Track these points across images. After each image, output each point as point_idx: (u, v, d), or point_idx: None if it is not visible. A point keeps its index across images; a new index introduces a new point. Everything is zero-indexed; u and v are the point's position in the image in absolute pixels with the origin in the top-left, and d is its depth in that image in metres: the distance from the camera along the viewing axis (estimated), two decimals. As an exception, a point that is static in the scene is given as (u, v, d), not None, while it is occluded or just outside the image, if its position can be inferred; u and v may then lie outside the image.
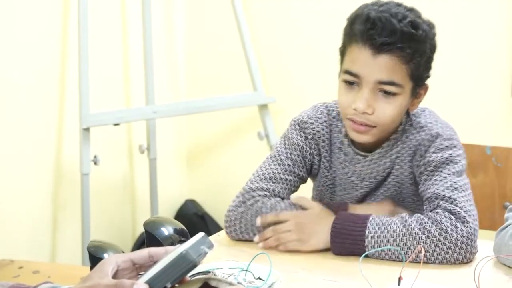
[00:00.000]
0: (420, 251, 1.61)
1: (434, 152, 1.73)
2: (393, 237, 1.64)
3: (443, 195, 1.68)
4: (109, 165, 3.23)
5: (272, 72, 3.48)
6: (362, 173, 1.79)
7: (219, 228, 3.38)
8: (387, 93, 1.68)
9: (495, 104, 3.07)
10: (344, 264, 1.64)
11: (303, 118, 1.85)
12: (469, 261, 1.64)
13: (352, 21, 1.72)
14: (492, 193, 2.22)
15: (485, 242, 1.71)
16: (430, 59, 1.73)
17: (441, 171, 1.71)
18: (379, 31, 1.65)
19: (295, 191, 1.83)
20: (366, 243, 1.65)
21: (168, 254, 1.19)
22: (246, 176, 3.59)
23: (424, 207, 1.72)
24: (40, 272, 2.28)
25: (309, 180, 1.89)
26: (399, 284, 1.48)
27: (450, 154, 1.73)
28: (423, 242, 1.63)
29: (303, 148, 1.82)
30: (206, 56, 3.62)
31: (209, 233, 1.94)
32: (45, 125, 2.99)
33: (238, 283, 1.36)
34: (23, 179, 2.90)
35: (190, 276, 1.22)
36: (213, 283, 1.16)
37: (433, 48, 1.73)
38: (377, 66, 1.67)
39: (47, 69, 2.98)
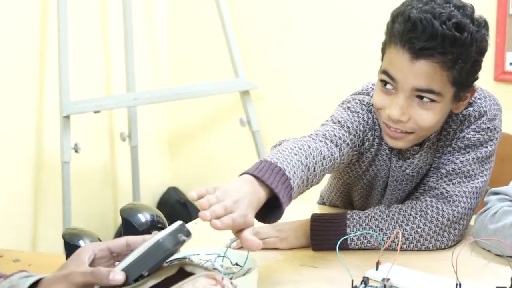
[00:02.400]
0: (396, 236, 1.61)
1: (473, 130, 1.68)
2: (376, 231, 1.63)
3: (451, 178, 1.66)
4: (90, 153, 3.22)
5: (254, 59, 3.46)
6: (418, 166, 1.70)
7: (201, 215, 3.37)
8: (424, 99, 1.57)
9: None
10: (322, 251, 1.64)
11: (365, 99, 1.70)
12: (450, 246, 1.65)
13: (394, 18, 1.57)
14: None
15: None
16: (476, 63, 1.58)
17: (468, 152, 1.67)
18: (418, 34, 1.51)
19: (345, 156, 1.61)
20: (349, 241, 1.63)
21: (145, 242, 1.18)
22: (229, 162, 3.63)
23: (431, 179, 1.68)
24: (21, 261, 2.26)
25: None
26: (377, 269, 1.49)
27: (485, 138, 1.68)
28: (407, 233, 1.63)
29: (363, 115, 1.66)
30: (187, 43, 3.61)
31: (191, 220, 1.93)
32: (25, 113, 2.97)
33: (214, 268, 1.36)
34: (3, 167, 2.88)
35: (167, 262, 1.22)
36: (188, 269, 1.16)
37: (481, 50, 1.57)
38: (414, 72, 1.54)
39: (26, 56, 2.96)
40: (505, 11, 2.90)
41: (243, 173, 1.37)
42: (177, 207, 3.62)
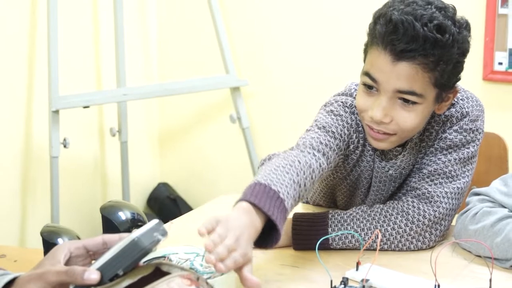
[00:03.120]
0: (377, 236, 1.61)
1: (456, 131, 1.68)
2: (357, 231, 1.63)
3: (432, 179, 1.66)
4: (79, 148, 3.22)
5: (244, 55, 3.46)
6: (400, 166, 1.71)
7: (190, 211, 3.37)
8: (406, 101, 1.56)
9: (467, 88, 3.07)
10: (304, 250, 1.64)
11: (347, 101, 1.70)
12: (432, 247, 1.65)
13: (376, 20, 1.57)
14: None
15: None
16: (458, 64, 1.58)
17: (450, 153, 1.67)
18: (400, 36, 1.51)
19: (331, 161, 1.62)
20: (330, 241, 1.64)
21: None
22: (219, 159, 3.62)
23: (413, 180, 1.69)
24: (7, 256, 2.26)
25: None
26: (357, 269, 1.49)
27: (467, 139, 1.68)
28: (389, 234, 1.63)
29: (346, 118, 1.66)
30: (178, 39, 3.60)
31: (181, 215, 1.92)
32: (14, 107, 2.96)
33: (191, 268, 1.36)
34: (-9, 162, 2.88)
35: (145, 261, 1.21)
36: (164, 268, 1.15)
37: (463, 52, 1.57)
38: (396, 74, 1.54)
39: (15, 50, 2.95)
40: (494, 10, 2.90)
41: (240, 200, 1.38)
42: (167, 203, 3.62)
